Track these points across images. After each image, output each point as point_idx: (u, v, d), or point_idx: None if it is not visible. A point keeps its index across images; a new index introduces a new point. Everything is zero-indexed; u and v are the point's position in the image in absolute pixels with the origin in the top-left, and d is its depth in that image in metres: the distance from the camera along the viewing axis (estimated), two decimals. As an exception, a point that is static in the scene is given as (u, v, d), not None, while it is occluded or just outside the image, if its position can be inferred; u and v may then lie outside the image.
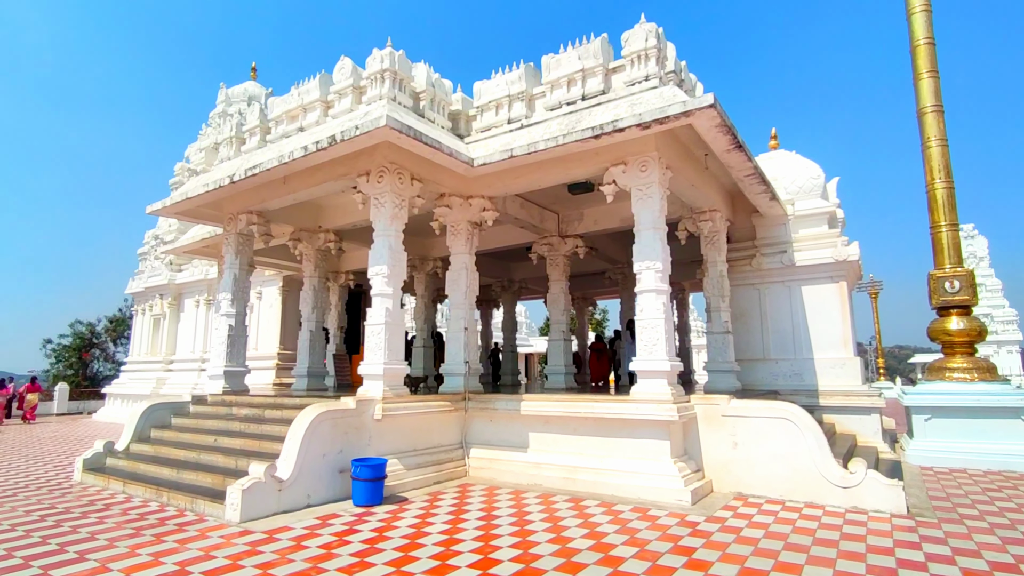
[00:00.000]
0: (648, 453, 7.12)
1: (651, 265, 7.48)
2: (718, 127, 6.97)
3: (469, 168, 8.31)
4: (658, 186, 7.54)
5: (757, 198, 9.78)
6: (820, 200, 10.73)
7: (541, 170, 8.51)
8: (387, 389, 7.59)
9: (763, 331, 10.71)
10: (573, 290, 19.80)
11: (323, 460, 6.70)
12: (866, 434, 9.48)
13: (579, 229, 11.84)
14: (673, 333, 7.55)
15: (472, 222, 9.40)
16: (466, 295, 9.22)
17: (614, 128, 7.01)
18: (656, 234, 7.53)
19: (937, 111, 10.42)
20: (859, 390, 9.62)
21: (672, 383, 7.31)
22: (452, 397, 8.61)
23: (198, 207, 10.24)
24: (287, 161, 7.95)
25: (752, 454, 7.05)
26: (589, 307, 22.17)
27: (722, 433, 7.29)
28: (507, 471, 7.97)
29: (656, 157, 7.52)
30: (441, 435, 8.34)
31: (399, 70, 8.39)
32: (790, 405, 6.94)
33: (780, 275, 10.58)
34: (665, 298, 7.42)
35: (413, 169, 8.31)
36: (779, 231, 10.77)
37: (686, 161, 8.45)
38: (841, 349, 9.97)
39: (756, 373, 10.62)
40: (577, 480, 7.34)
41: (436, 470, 7.86)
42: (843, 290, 10.06)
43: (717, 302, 10.07)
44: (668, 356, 7.22)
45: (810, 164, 11.19)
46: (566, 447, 7.80)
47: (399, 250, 8.04)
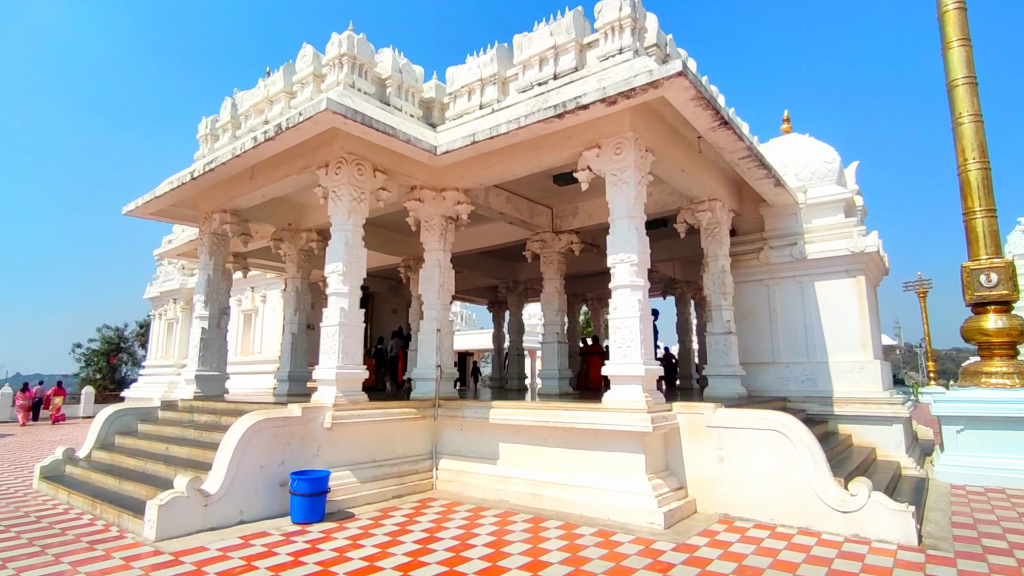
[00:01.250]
0: (621, 468, 6.35)
1: (625, 258, 6.72)
2: (694, 100, 6.17)
3: (433, 157, 7.72)
4: (634, 170, 6.78)
5: (759, 184, 8.86)
6: (835, 187, 9.69)
7: (513, 158, 7.85)
8: (340, 395, 7.04)
9: (772, 331, 9.73)
10: (581, 291, 19.05)
11: (260, 472, 6.18)
12: (887, 447, 8.41)
13: (574, 224, 11.11)
14: (651, 333, 6.75)
15: (446, 217, 8.80)
16: (439, 294, 8.61)
17: (577, 105, 6.30)
18: (631, 223, 6.76)
19: (969, 83, 9.27)
20: (879, 397, 8.55)
21: (649, 389, 6.52)
22: (420, 404, 8.00)
23: (170, 206, 9.96)
24: (239, 154, 7.53)
25: (740, 471, 6.19)
26: (604, 308, 21.29)
27: (707, 446, 6.45)
28: (474, 485, 7.31)
29: (632, 138, 6.76)
30: (406, 445, 7.74)
31: (358, 55, 7.87)
32: (782, 415, 6.05)
33: (790, 270, 9.59)
34: (641, 294, 6.64)
35: (376, 160, 7.77)
36: (789, 221, 9.78)
37: (674, 144, 7.64)
38: (859, 351, 8.92)
39: (765, 378, 9.65)
40: (544, 497, 6.62)
41: (397, 483, 7.26)
42: (861, 285, 9.02)
43: (718, 300, 9.17)
44: (644, 359, 6.43)
45: (824, 147, 10.15)
46: (536, 460, 7.09)
47: (357, 246, 7.50)
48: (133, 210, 9.89)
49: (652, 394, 6.51)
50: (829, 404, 8.85)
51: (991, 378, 8.49)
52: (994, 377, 8.49)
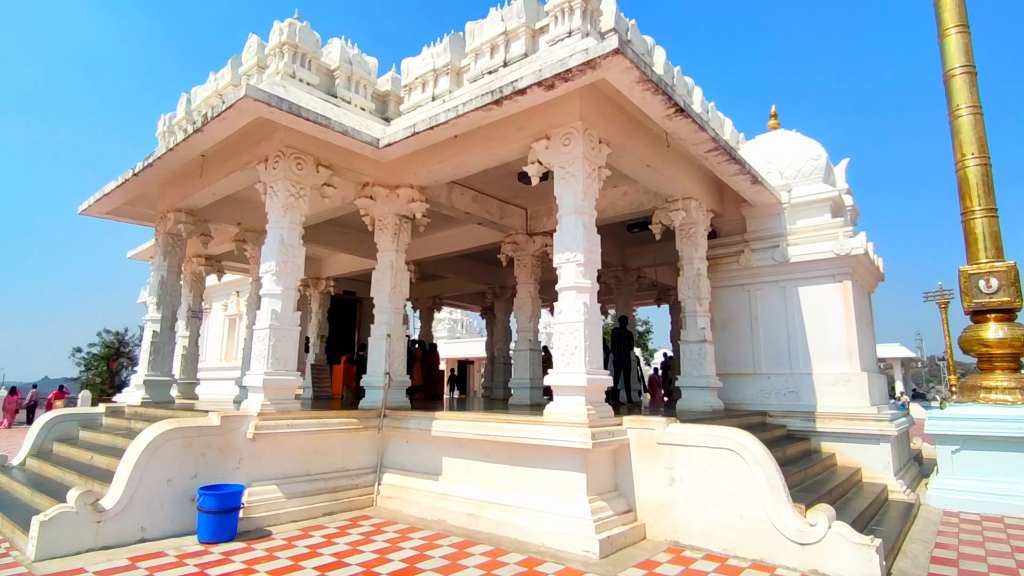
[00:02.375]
0: (561, 488, 5.76)
1: (572, 257, 6.17)
2: (640, 83, 5.61)
3: (378, 151, 7.27)
4: (583, 162, 6.23)
5: (734, 181, 8.23)
6: (821, 185, 9.01)
7: (464, 151, 7.37)
8: (268, 403, 6.57)
9: (753, 340, 9.05)
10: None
11: (168, 487, 5.71)
12: (874, 468, 7.66)
13: (548, 226, 10.55)
14: (599, 340, 6.17)
15: (400, 215, 8.33)
16: (391, 297, 8.12)
17: (513, 90, 5.79)
18: (578, 220, 6.21)
19: (968, 73, 8.56)
20: (864, 413, 7.82)
21: (595, 401, 5.93)
22: (364, 414, 7.50)
23: (126, 205, 9.67)
24: (172, 147, 7.15)
25: (692, 494, 5.56)
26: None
27: (658, 466, 5.83)
28: (414, 502, 6.77)
29: (581, 128, 6.22)
30: (347, 458, 7.24)
31: (300, 43, 7.46)
32: (737, 432, 5.42)
33: (773, 274, 8.91)
34: (588, 297, 6.07)
35: (319, 155, 7.34)
36: (772, 222, 9.12)
37: (636, 136, 7.09)
38: (844, 363, 8.20)
39: (745, 390, 8.96)
40: (482, 518, 6.05)
41: (330, 499, 6.75)
42: (847, 291, 8.31)
43: (693, 305, 8.55)
44: (588, 368, 5.85)
45: (810, 143, 9.47)
46: (478, 476, 6.53)
47: (294, 245, 7.05)
48: (87, 209, 9.61)
49: (598, 407, 5.92)
50: (812, 420, 8.14)
51: (991, 393, 7.72)
52: (994, 392, 7.73)
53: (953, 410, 7.86)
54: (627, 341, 10.80)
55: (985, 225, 8.21)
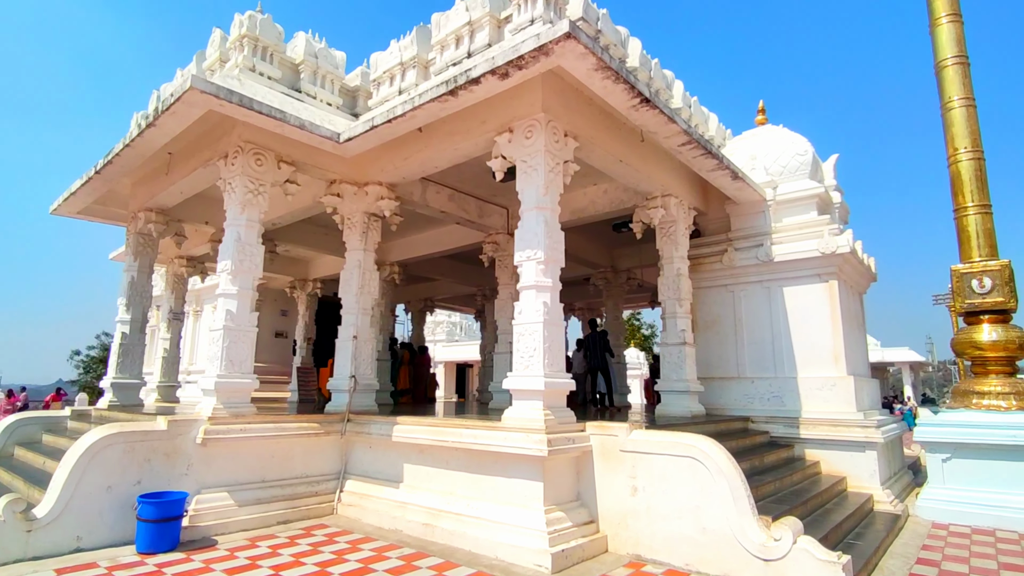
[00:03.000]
0: (518, 497, 5.48)
1: (532, 255, 5.90)
2: (599, 71, 5.33)
3: (340, 146, 7.03)
4: (545, 156, 5.96)
5: (713, 177, 7.93)
6: (808, 181, 8.66)
7: (429, 146, 7.12)
8: (221, 407, 6.33)
9: (737, 343, 8.71)
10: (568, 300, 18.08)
11: (108, 494, 5.48)
12: (859, 477, 7.29)
13: (529, 225, 10.28)
14: (561, 341, 5.88)
15: (369, 213, 8.09)
16: (358, 298, 7.88)
17: (467, 79, 5.53)
18: (539, 216, 5.93)
19: (960, 63, 8.21)
20: (850, 419, 7.45)
21: (554, 406, 5.64)
22: (326, 418, 7.25)
23: (97, 205, 9.52)
24: (128, 143, 6.96)
25: (654, 504, 5.25)
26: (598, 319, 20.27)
27: (621, 474, 5.52)
28: (374, 511, 6.50)
29: (544, 120, 5.95)
30: (308, 463, 6.98)
31: (261, 36, 7.26)
32: (701, 440, 5.10)
33: (757, 274, 8.58)
34: (548, 296, 5.79)
35: (281, 151, 7.12)
36: (756, 220, 8.78)
37: (608, 130, 6.81)
38: (830, 366, 7.84)
39: (728, 394, 8.62)
40: (437, 528, 5.77)
41: (287, 507, 6.50)
42: (833, 291, 7.96)
43: (672, 307, 8.23)
44: (547, 371, 5.57)
45: (796, 138, 9.13)
46: (437, 484, 6.25)
47: (252, 243, 6.83)
48: (57, 208, 9.46)
49: (557, 412, 5.63)
50: (795, 426, 7.79)
51: (983, 399, 7.34)
52: (987, 398, 7.35)
53: (944, 416, 7.48)
54: (602, 343, 10.48)
55: (978, 222, 7.84)
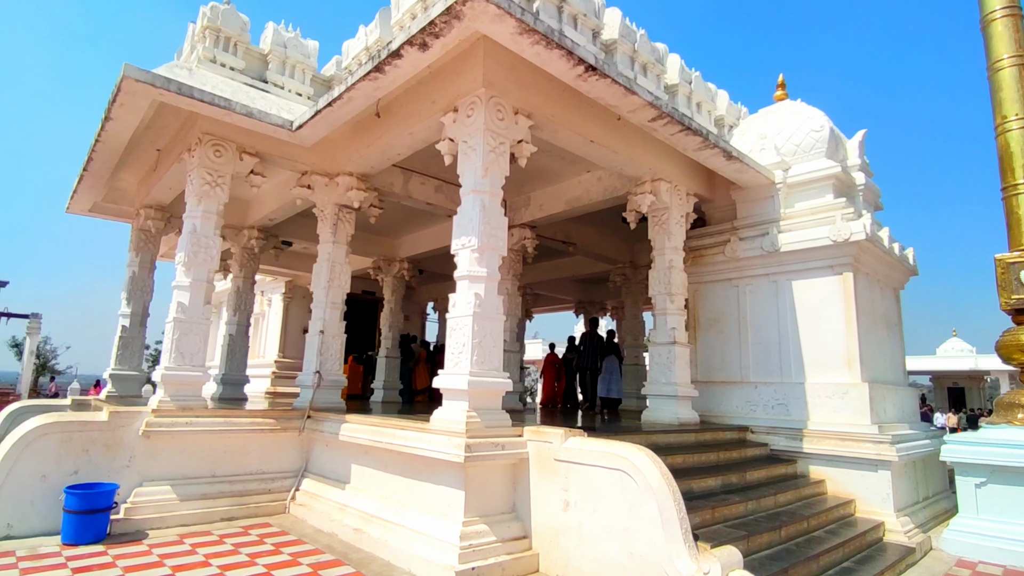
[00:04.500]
0: (442, 506, 5.02)
1: (467, 242, 5.40)
2: (524, 34, 4.77)
3: (292, 134, 6.83)
4: (484, 134, 5.45)
5: (703, 157, 7.10)
6: (823, 161, 7.60)
7: (387, 131, 6.79)
8: (167, 400, 6.27)
9: (741, 343, 7.80)
10: (600, 298, 17.29)
11: (42, 483, 5.51)
12: (871, 500, 6.25)
13: (525, 217, 9.80)
14: (496, 337, 5.34)
15: (340, 205, 7.87)
16: (327, 292, 7.68)
17: (388, 52, 5.13)
18: (476, 200, 5.43)
19: (1011, 14, 6.94)
20: (861, 432, 6.41)
21: (483, 407, 5.12)
22: (285, 414, 7.07)
23: (104, 203, 9.89)
24: (97, 139, 7.08)
25: (585, 522, 4.63)
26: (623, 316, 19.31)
27: (554, 486, 4.93)
28: (319, 511, 6.23)
29: (485, 96, 5.45)
30: (264, 460, 6.82)
31: (223, 27, 7.20)
32: (632, 451, 4.43)
33: (763, 266, 7.64)
34: (482, 287, 5.28)
35: (243, 141, 7.03)
36: (764, 206, 7.84)
37: (573, 106, 6.20)
38: (843, 371, 6.82)
39: (730, 400, 7.72)
40: (365, 535, 5.41)
41: (234, 503, 6.35)
42: (847, 285, 6.92)
43: (663, 302, 7.48)
44: (476, 369, 5.07)
45: (812, 112, 8.05)
46: (377, 487, 5.89)
47: (207, 235, 6.76)
48: (70, 207, 9.92)
49: (486, 414, 5.11)
50: (798, 438, 6.82)
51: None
52: (1037, 412, 6.11)
53: (983, 433, 6.31)
54: (598, 345, 9.79)
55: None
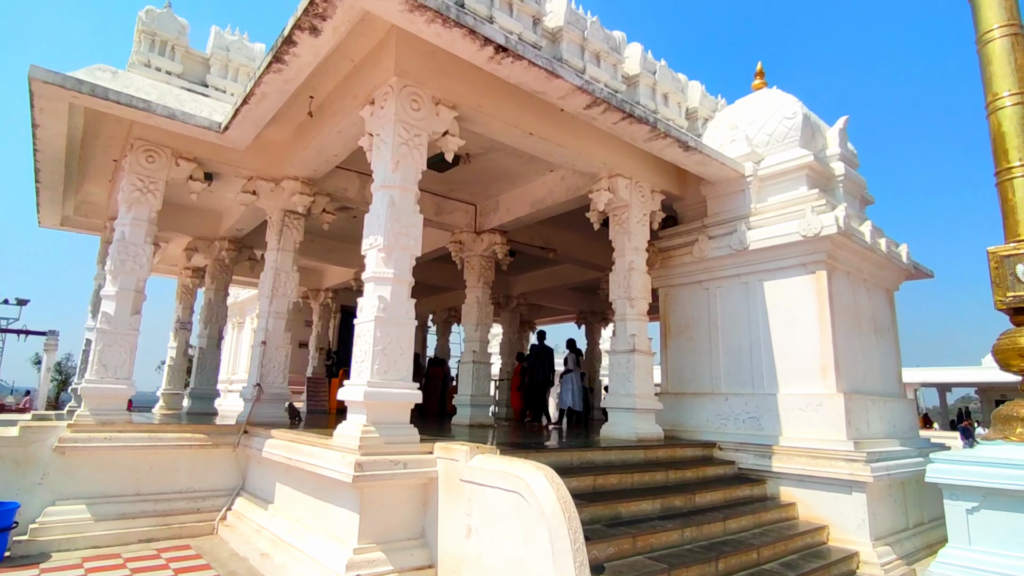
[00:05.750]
0: (340, 530, 4.58)
1: (374, 242, 5.00)
2: (413, 11, 4.35)
3: (223, 137, 6.57)
4: (395, 126, 5.07)
5: (655, 148, 6.55)
6: (797, 150, 6.95)
7: (321, 132, 6.51)
8: (87, 414, 6.02)
9: (711, 351, 7.16)
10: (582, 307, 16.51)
11: (-57, 501, 5.28)
12: (845, 527, 5.50)
13: (494, 222, 9.37)
14: (404, 344, 4.88)
15: (287, 211, 7.59)
16: (271, 302, 7.37)
17: (282, 40, 4.80)
18: (385, 196, 5.03)
19: (1000, -18, 6.22)
20: (833, 450, 5.69)
21: (385, 421, 4.66)
22: (218, 429, 6.75)
23: (75, 216, 9.89)
24: (35, 148, 6.98)
25: (485, 551, 4.11)
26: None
27: (458, 509, 4.43)
28: (241, 533, 5.86)
29: (397, 86, 5.09)
30: (195, 478, 6.49)
31: (159, 30, 7.05)
32: (530, 470, 3.90)
33: (733, 266, 7.01)
34: (388, 290, 4.85)
35: (178, 147, 6.84)
36: (735, 202, 7.22)
37: (506, 96, 5.78)
38: (817, 380, 6.12)
39: (700, 413, 7.07)
40: (270, 561, 5.00)
41: (157, 524, 6.02)
42: (821, 284, 6.24)
43: (623, 307, 6.94)
44: (375, 379, 4.63)
45: (785, 99, 7.40)
46: (294, 508, 5.49)
47: (137, 243, 6.54)
48: (41, 221, 9.95)
49: (388, 428, 4.65)
50: (767, 455, 6.13)
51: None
52: (1039, 426, 5.30)
53: (977, 451, 5.52)
54: (548, 358, 9.31)
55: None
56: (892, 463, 5.70)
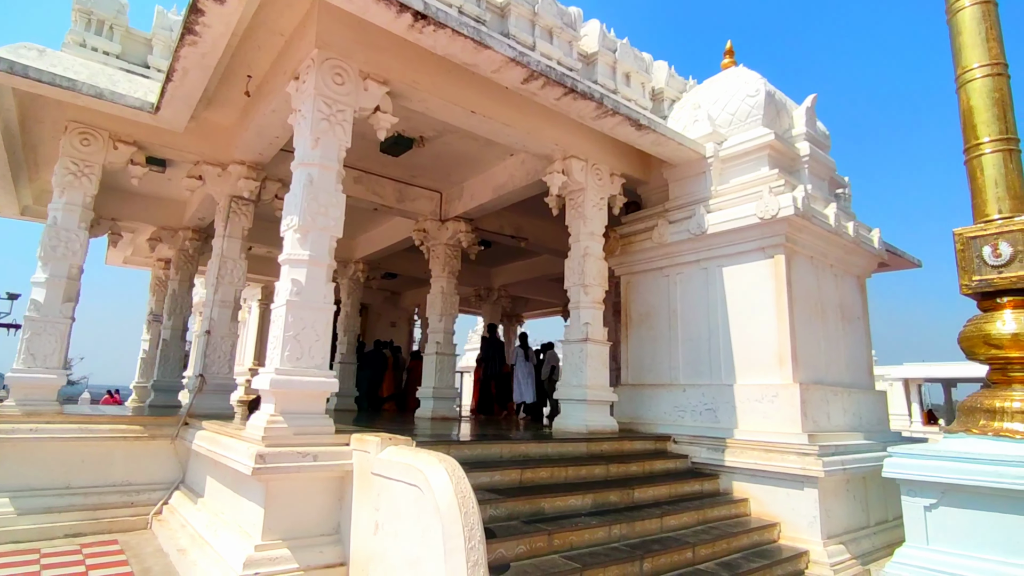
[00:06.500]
0: (248, 525, 4.34)
1: (290, 222, 4.74)
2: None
3: (158, 118, 6.33)
4: (314, 100, 4.81)
5: (604, 127, 6.24)
6: (759, 129, 6.61)
7: (257, 111, 6.28)
8: (13, 404, 5.83)
9: (671, 340, 6.85)
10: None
11: None
12: (796, 524, 5.19)
13: (459, 209, 9.10)
14: (321, 330, 4.62)
15: (234, 196, 7.36)
16: (217, 289, 7.14)
17: (189, 9, 4.54)
18: (303, 173, 4.77)
19: (970, -53, 5.85)
20: (788, 442, 5.38)
21: (296, 411, 4.41)
22: (156, 420, 6.53)
23: (35, 206, 9.70)
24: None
25: (389, 548, 3.85)
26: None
27: (368, 504, 4.18)
28: (169, 528, 5.64)
29: (319, 59, 4.84)
30: (132, 470, 6.29)
31: (95, 9, 6.79)
32: (431, 462, 3.63)
33: (692, 251, 6.70)
34: (303, 272, 4.59)
35: (116, 129, 6.64)
36: (695, 185, 6.90)
37: (445, 72, 5.50)
38: (773, 370, 5.81)
39: (659, 405, 6.78)
40: (185, 557, 4.79)
41: (86, 518, 5.82)
42: (779, 269, 5.92)
43: (577, 295, 6.66)
44: (284, 366, 4.38)
45: (748, 76, 7.04)
46: (216, 503, 5.27)
47: (70, 228, 6.33)
48: (1, 211, 9.79)
49: (303, 418, 4.40)
50: (720, 449, 5.83)
51: (996, 419, 4.97)
52: (1004, 418, 4.96)
53: (937, 445, 5.21)
54: (497, 352, 9.11)
55: (997, 164, 5.44)
56: (848, 457, 5.38)
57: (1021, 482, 4.47)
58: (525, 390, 10.34)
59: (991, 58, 5.65)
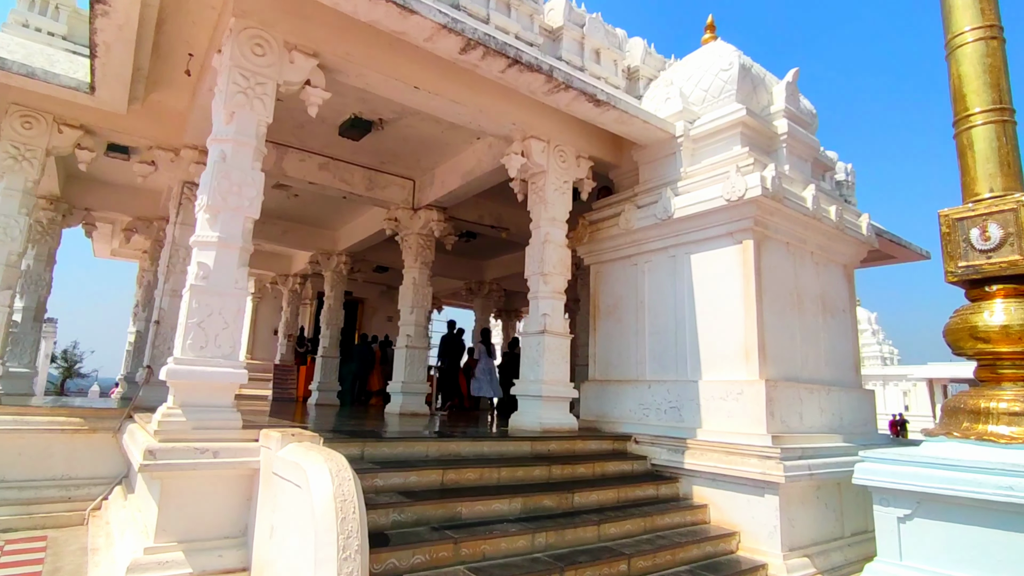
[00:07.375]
0: (147, 526, 4.05)
1: (201, 202, 4.43)
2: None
3: (97, 99, 6.09)
4: (229, 71, 4.50)
5: (561, 103, 5.81)
6: (732, 105, 6.10)
7: (198, 91, 6.06)
8: (-55, 395, 5.66)
9: (638, 333, 6.41)
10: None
11: None
12: (756, 533, 4.72)
13: (430, 197, 8.75)
14: (231, 317, 4.30)
15: (186, 183, 7.10)
16: (168, 278, 6.91)
17: (89, -27, 4.25)
18: (216, 149, 4.47)
19: (963, -102, 5.28)
20: (750, 444, 4.91)
21: (201, 404, 4.11)
22: (98, 413, 6.33)
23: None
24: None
25: (280, 555, 3.52)
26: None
27: (267, 505, 3.85)
28: (98, 526, 5.42)
29: (237, 27, 4.55)
30: (73, 464, 6.09)
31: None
32: (316, 460, 3.28)
33: (660, 238, 6.24)
34: (211, 255, 4.28)
35: (61, 113, 6.45)
36: (664, 167, 6.43)
37: (378, 45, 5.14)
38: (739, 365, 5.33)
39: (624, 403, 6.34)
40: (95, 557, 4.53)
41: (18, 512, 5.64)
42: (747, 256, 5.43)
43: (536, 284, 6.26)
44: (186, 355, 4.08)
45: (722, 49, 6.53)
46: (139, 499, 4.99)
47: (9, 214, 6.15)
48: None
49: (206, 412, 4.10)
50: (681, 450, 5.38)
51: (981, 421, 4.45)
52: (989, 420, 4.44)
53: (914, 449, 4.70)
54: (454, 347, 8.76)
55: (989, 137, 4.89)
56: (818, 461, 4.89)
57: (1003, 492, 3.96)
58: (485, 386, 10.01)
59: (984, 20, 5.11)
